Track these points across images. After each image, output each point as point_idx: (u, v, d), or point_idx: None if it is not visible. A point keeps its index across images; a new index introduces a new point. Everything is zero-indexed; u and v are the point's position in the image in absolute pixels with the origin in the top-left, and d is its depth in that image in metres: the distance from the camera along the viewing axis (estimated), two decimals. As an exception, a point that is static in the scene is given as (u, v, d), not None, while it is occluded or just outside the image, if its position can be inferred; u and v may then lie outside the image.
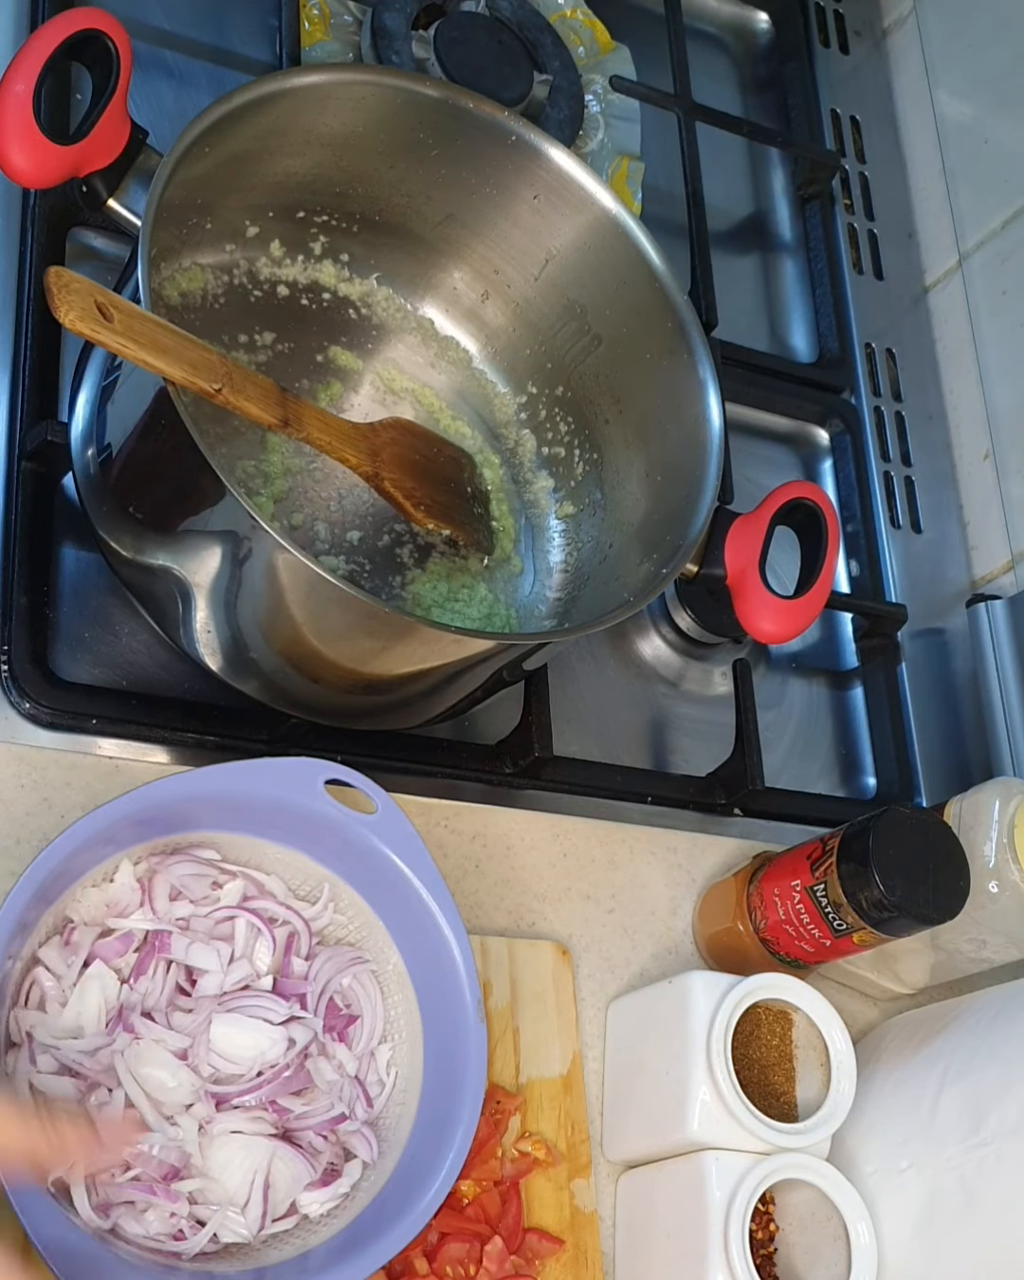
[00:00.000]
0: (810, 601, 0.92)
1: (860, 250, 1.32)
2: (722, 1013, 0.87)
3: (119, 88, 0.83)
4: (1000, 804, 0.94)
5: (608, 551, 0.98)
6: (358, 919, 0.84)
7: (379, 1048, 0.82)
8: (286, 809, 0.81)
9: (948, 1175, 0.85)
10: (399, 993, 0.83)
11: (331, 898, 0.84)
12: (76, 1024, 0.76)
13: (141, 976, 0.78)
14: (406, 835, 0.82)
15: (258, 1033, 0.78)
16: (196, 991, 0.79)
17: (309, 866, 0.83)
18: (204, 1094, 0.76)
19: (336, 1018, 0.82)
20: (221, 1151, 0.76)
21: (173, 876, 0.80)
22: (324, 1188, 0.78)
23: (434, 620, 0.92)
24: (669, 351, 0.95)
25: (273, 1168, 0.76)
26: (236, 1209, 0.75)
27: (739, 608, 0.92)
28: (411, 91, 0.92)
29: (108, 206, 0.84)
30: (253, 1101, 0.77)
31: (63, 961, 0.77)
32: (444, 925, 0.81)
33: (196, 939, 0.79)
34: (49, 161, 0.81)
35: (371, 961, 0.83)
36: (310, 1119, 0.78)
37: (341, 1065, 0.80)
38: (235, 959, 0.80)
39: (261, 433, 0.94)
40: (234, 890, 0.81)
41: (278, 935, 0.81)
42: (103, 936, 0.78)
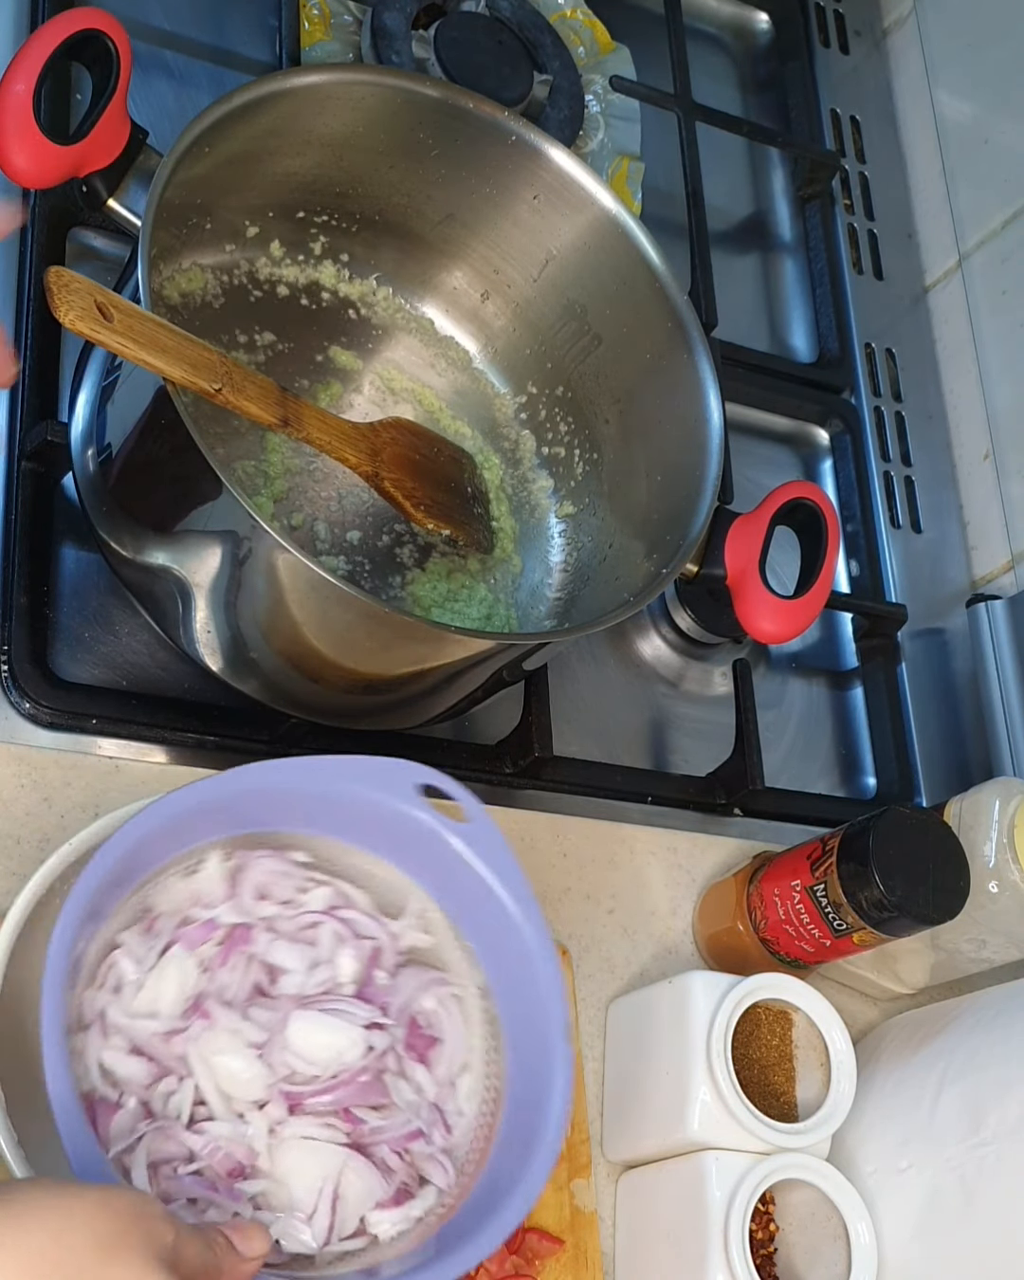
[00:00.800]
0: (810, 601, 0.92)
1: (860, 250, 1.32)
2: (722, 1013, 0.87)
3: (119, 88, 0.83)
4: (1000, 804, 0.94)
5: (608, 551, 0.98)
6: (444, 937, 0.80)
7: (461, 1077, 0.78)
8: (377, 812, 0.77)
9: (948, 1175, 0.85)
10: (483, 1017, 0.79)
11: (418, 913, 0.80)
12: (152, 1007, 0.73)
13: (222, 967, 0.75)
14: (499, 848, 0.78)
15: (337, 1032, 0.74)
16: (276, 990, 0.76)
17: (396, 878, 0.80)
18: (277, 1093, 0.73)
19: (418, 1038, 0.78)
20: (290, 1156, 0.72)
21: (259, 874, 0.77)
22: (396, 1208, 0.73)
23: (434, 620, 0.92)
24: (669, 351, 0.95)
25: (343, 1179, 0.72)
26: (303, 1217, 0.71)
27: (739, 608, 0.92)
28: (412, 91, 0.92)
29: (108, 206, 0.84)
30: (327, 1104, 0.73)
31: (143, 945, 0.74)
32: (533, 943, 0.76)
33: (280, 938, 0.77)
34: (49, 161, 0.81)
35: (456, 985, 0.79)
36: (385, 1133, 0.74)
37: (421, 1088, 0.76)
38: (318, 964, 0.77)
39: (261, 433, 0.94)
40: (321, 897, 0.78)
41: (362, 947, 0.78)
42: (186, 925, 0.76)
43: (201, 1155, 0.71)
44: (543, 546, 1.02)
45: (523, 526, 1.02)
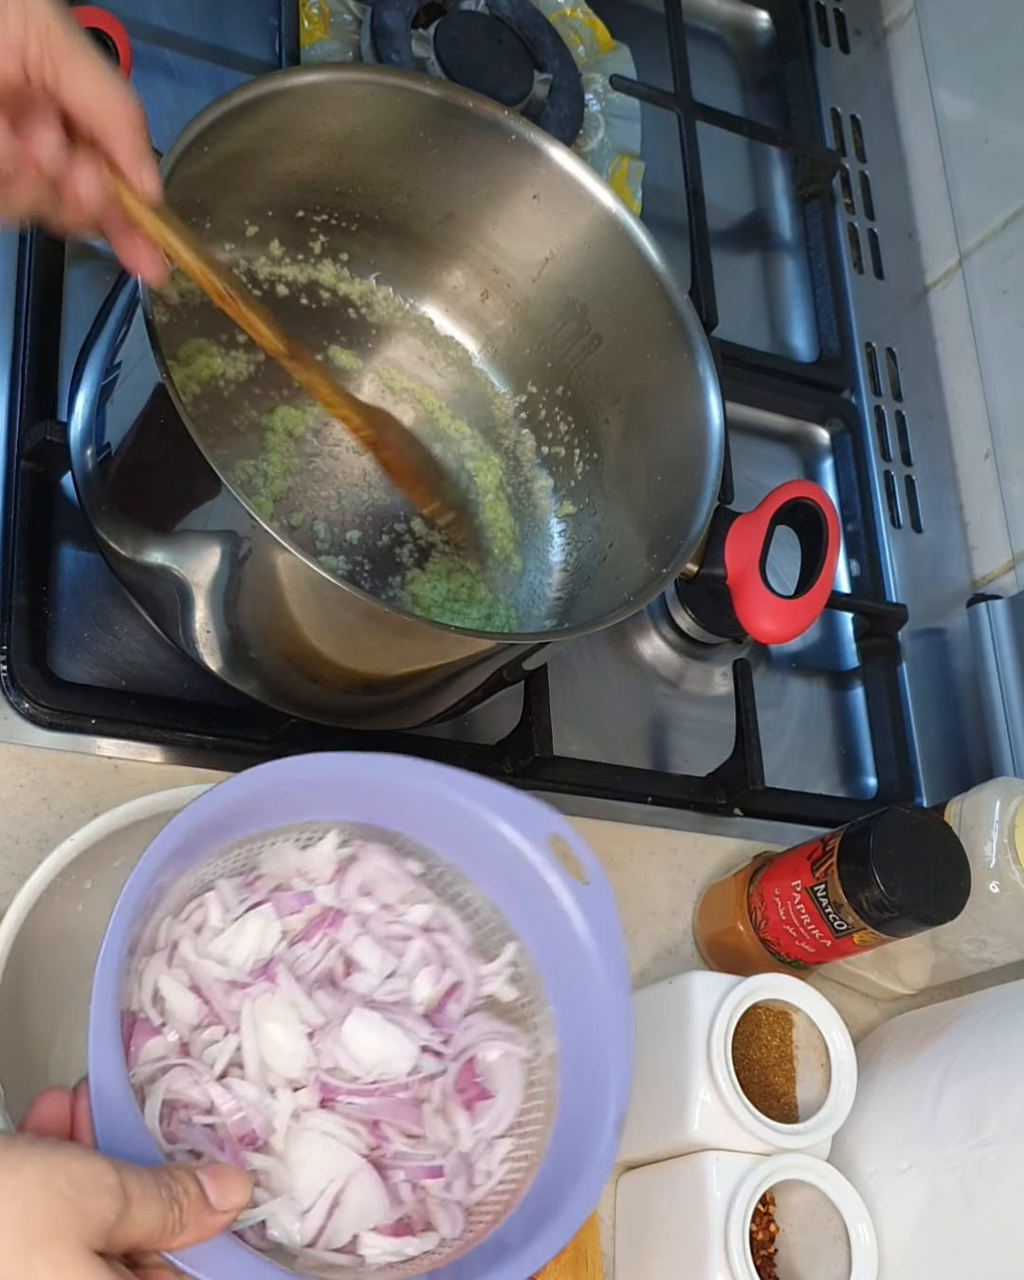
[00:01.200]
0: (811, 601, 0.92)
1: (861, 249, 1.32)
2: (722, 1013, 0.87)
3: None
4: (1001, 804, 0.94)
5: (608, 551, 0.98)
6: (529, 995, 0.78)
7: (501, 1140, 0.75)
8: (502, 848, 0.76)
9: (948, 1176, 0.85)
10: (543, 1087, 0.76)
11: (512, 962, 0.78)
12: (225, 955, 0.72)
13: (304, 942, 0.74)
14: (608, 919, 0.76)
15: (391, 1041, 0.72)
16: (347, 984, 0.75)
17: (499, 919, 0.78)
18: (315, 1080, 0.71)
19: (471, 1084, 0.75)
20: (306, 1146, 0.70)
21: (370, 869, 0.76)
22: (393, 1238, 0.71)
23: (434, 620, 0.92)
24: (669, 351, 0.95)
25: (350, 1187, 0.70)
26: (297, 1210, 0.69)
27: (739, 608, 0.92)
28: (411, 90, 0.92)
29: None
30: (361, 1109, 0.72)
31: (235, 896, 0.73)
32: (614, 1023, 0.74)
33: (368, 935, 0.75)
34: None
35: (525, 1049, 0.77)
36: (407, 1162, 0.72)
37: (458, 1134, 0.74)
38: (397, 975, 0.75)
39: (261, 433, 0.94)
40: (421, 914, 0.77)
41: (445, 977, 0.76)
42: (283, 890, 0.75)
43: (221, 1111, 0.69)
44: (543, 546, 1.02)
45: (523, 526, 1.02)
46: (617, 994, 0.75)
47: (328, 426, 0.97)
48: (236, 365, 0.94)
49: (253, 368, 0.95)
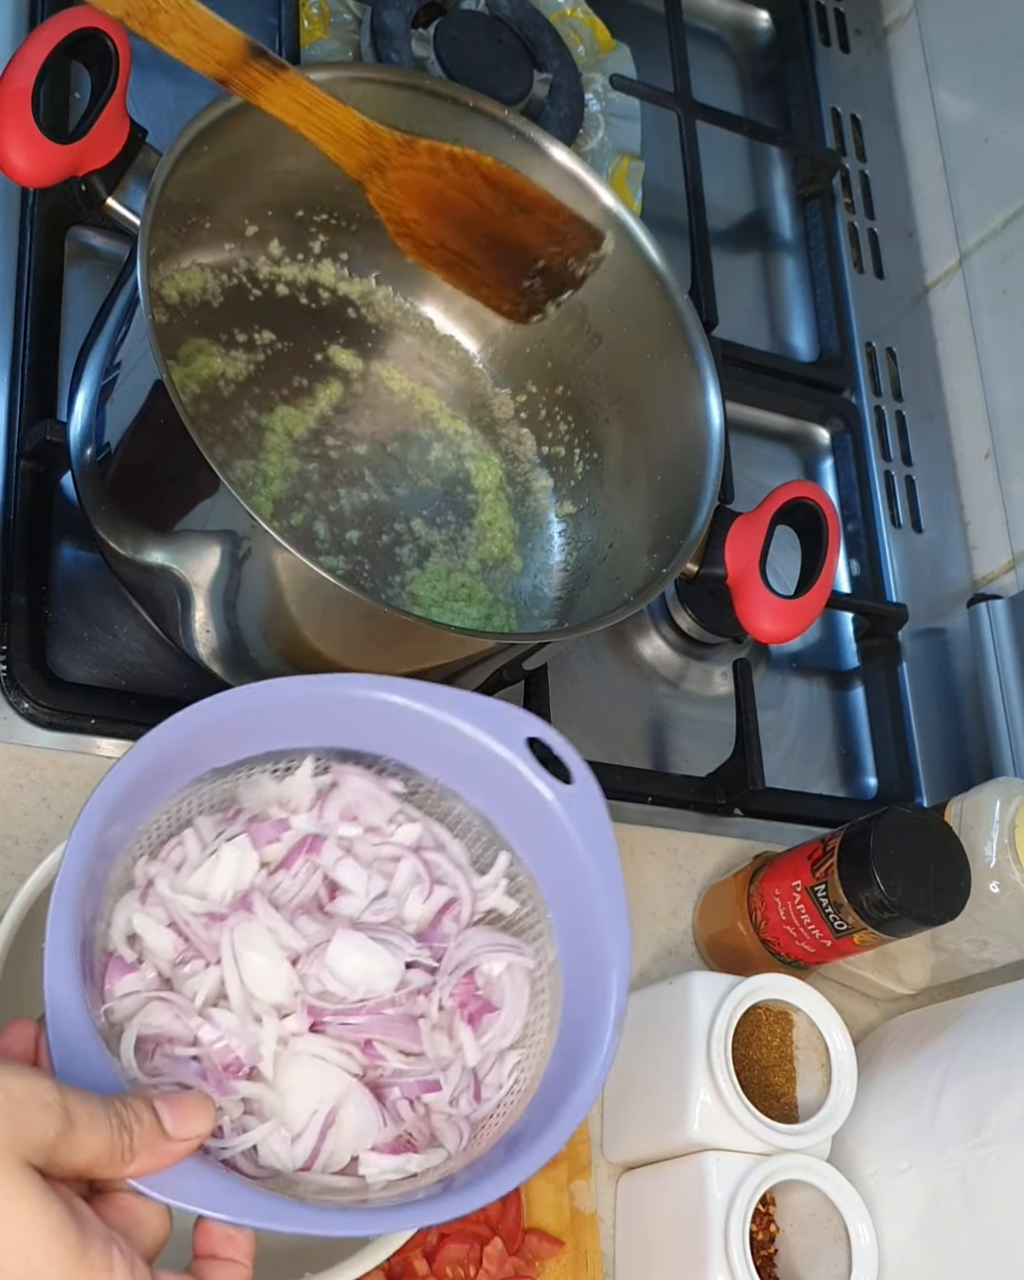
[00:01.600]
0: (811, 601, 0.92)
1: (861, 249, 1.32)
2: (722, 1013, 0.87)
3: (118, 86, 0.83)
4: (1001, 804, 0.94)
5: (608, 551, 0.98)
6: (529, 905, 0.76)
7: (509, 1051, 0.74)
8: (481, 757, 0.74)
9: (949, 1176, 0.85)
10: (548, 992, 0.75)
11: (508, 874, 0.76)
12: (202, 889, 0.71)
13: (283, 870, 0.73)
14: (598, 818, 0.74)
15: (373, 957, 0.71)
16: (332, 908, 0.74)
17: (491, 832, 0.76)
18: (302, 1004, 0.70)
19: (472, 998, 0.74)
20: (295, 1073, 0.69)
21: (350, 793, 0.75)
22: (393, 1156, 0.70)
23: (434, 620, 0.92)
24: (669, 351, 0.95)
25: (343, 1109, 0.69)
26: (289, 1134, 0.68)
27: (739, 607, 0.92)
28: (411, 90, 0.92)
29: (107, 205, 0.84)
30: (353, 1029, 0.70)
31: (213, 831, 0.73)
32: (611, 924, 0.73)
33: (351, 858, 0.74)
34: (48, 160, 0.81)
35: (530, 958, 0.75)
36: (404, 1078, 0.71)
37: (463, 1049, 0.73)
38: (385, 895, 0.74)
39: (260, 433, 0.94)
40: (410, 833, 0.75)
41: (437, 894, 0.75)
42: (258, 821, 0.74)
43: (203, 1042, 0.68)
44: (543, 546, 1.02)
45: (523, 526, 1.02)
46: (611, 890, 0.73)
47: (328, 426, 0.97)
48: (236, 365, 0.94)
49: (252, 368, 0.95)
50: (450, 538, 0.98)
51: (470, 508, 1.00)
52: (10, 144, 0.80)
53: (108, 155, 0.83)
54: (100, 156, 0.83)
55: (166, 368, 0.77)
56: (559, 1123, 0.69)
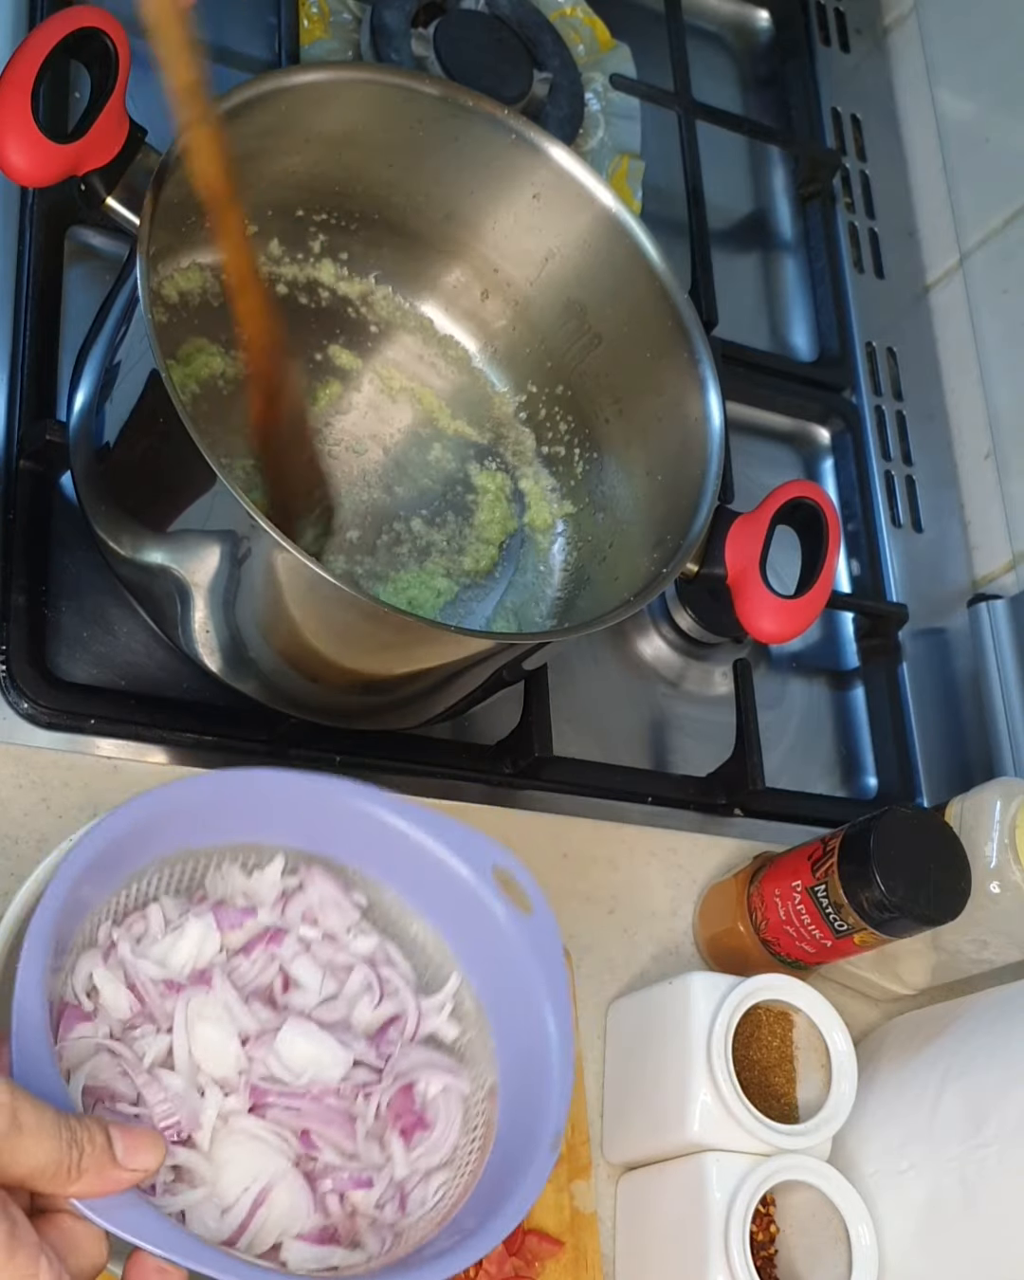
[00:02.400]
0: (811, 601, 0.92)
1: (861, 249, 1.32)
2: (722, 1014, 0.87)
3: (117, 86, 0.83)
4: (1002, 804, 0.94)
5: (608, 551, 0.98)
6: (471, 1030, 0.78)
7: (437, 1171, 0.75)
8: (446, 879, 0.77)
9: (949, 1176, 0.85)
10: (482, 1118, 0.76)
11: (454, 997, 0.78)
12: (164, 957, 0.72)
13: (242, 956, 0.74)
14: (553, 950, 0.77)
15: (324, 1048, 0.72)
16: (284, 1000, 0.75)
17: (444, 954, 0.79)
18: (246, 1084, 0.71)
19: (409, 1113, 0.75)
20: (231, 1149, 0.70)
21: (315, 897, 0.77)
22: (317, 1245, 0.70)
23: (433, 620, 0.92)
24: (669, 350, 0.95)
25: (276, 1189, 0.69)
26: (220, 1205, 0.68)
27: (740, 607, 0.91)
28: (411, 89, 0.92)
29: (106, 205, 0.84)
30: (292, 1115, 0.71)
31: (178, 910, 0.74)
32: (555, 1050, 0.74)
33: (309, 956, 0.76)
34: (47, 160, 0.80)
35: (466, 1084, 0.76)
36: (336, 1174, 0.71)
37: (393, 1161, 0.73)
38: (335, 998, 0.75)
39: (260, 432, 0.94)
40: (366, 944, 0.77)
41: (386, 1006, 0.76)
42: (224, 905, 0.75)
43: (148, 1102, 0.69)
44: (543, 546, 1.02)
45: (523, 526, 1.02)
46: (559, 1022, 0.75)
47: (327, 426, 0.97)
48: (236, 365, 0.94)
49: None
50: (450, 537, 0.98)
51: (470, 508, 1.00)
52: (10, 143, 0.80)
53: (107, 155, 0.83)
54: (100, 156, 0.83)
55: (166, 367, 0.77)
56: (482, 1237, 0.69)
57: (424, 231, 0.99)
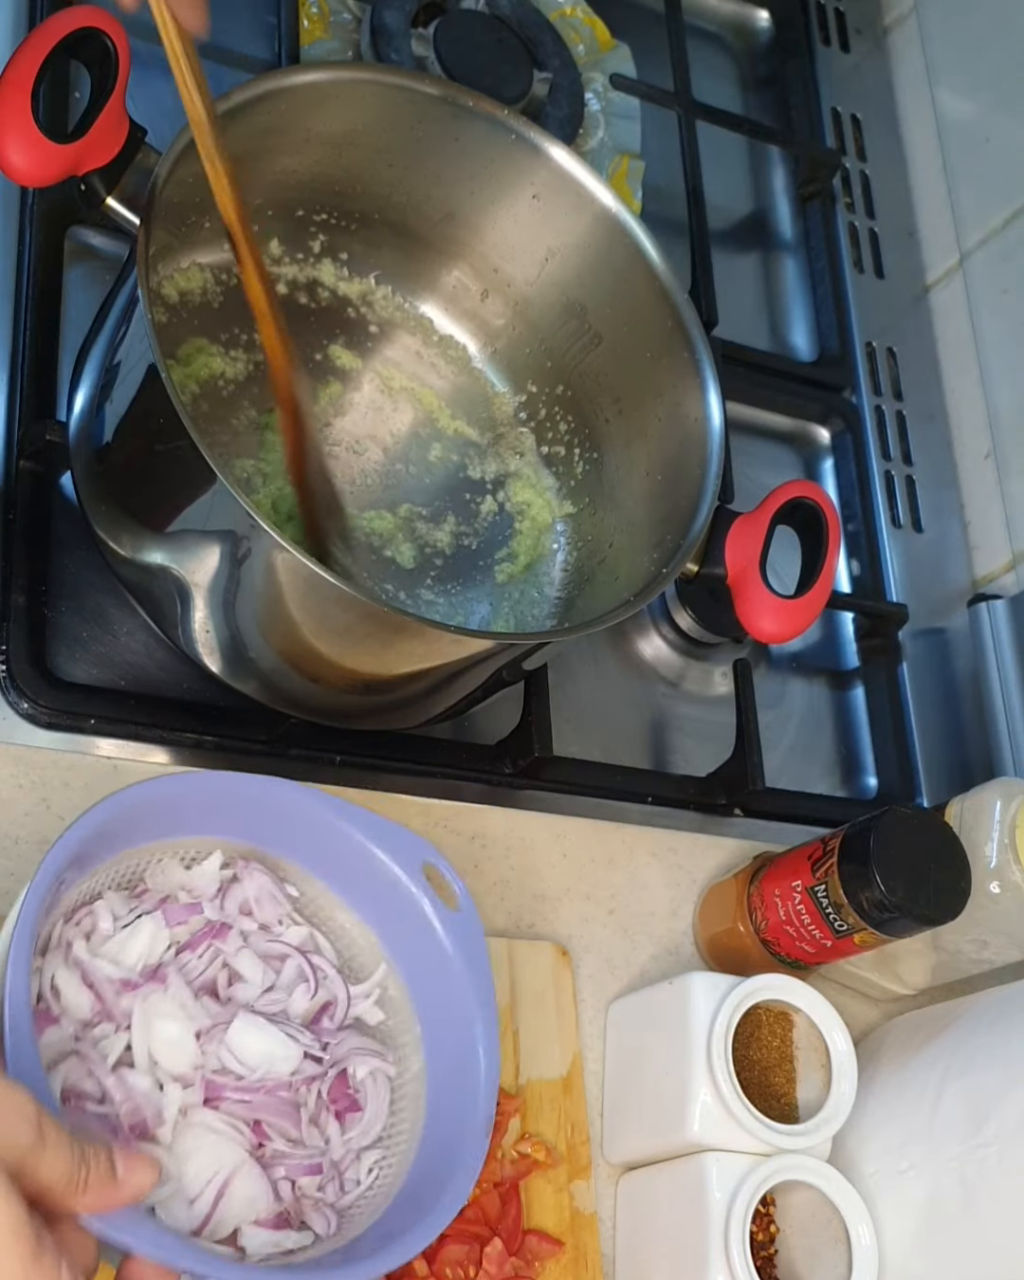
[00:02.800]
0: (811, 601, 0.92)
1: (861, 249, 1.32)
2: (722, 1014, 0.87)
3: (118, 86, 0.83)
4: (1002, 804, 0.94)
5: (608, 551, 0.98)
6: (396, 1017, 0.82)
7: (368, 1150, 0.79)
8: (377, 873, 0.80)
9: (949, 1176, 0.85)
10: (410, 1101, 0.80)
11: (380, 985, 0.82)
12: (117, 955, 0.75)
13: (190, 951, 0.77)
14: (477, 945, 0.80)
15: (276, 1041, 0.76)
16: (229, 993, 0.78)
17: (372, 944, 0.82)
18: (201, 1078, 0.74)
19: (343, 1094, 0.79)
20: (193, 1140, 0.73)
21: (250, 890, 0.79)
22: (273, 1230, 0.74)
23: (433, 620, 0.92)
24: (669, 350, 0.95)
25: (235, 1179, 0.74)
26: (186, 1198, 0.72)
27: (740, 607, 0.92)
28: (411, 90, 0.92)
29: (106, 205, 0.84)
30: (244, 1107, 0.75)
31: (124, 906, 0.76)
32: (480, 1041, 0.79)
33: (250, 949, 0.79)
34: (47, 160, 0.80)
35: (392, 1065, 0.81)
36: (285, 1161, 0.75)
37: (329, 1142, 0.78)
38: (275, 989, 0.79)
39: (260, 432, 0.94)
40: (297, 934, 0.81)
41: (320, 994, 0.80)
42: (169, 902, 0.78)
43: (114, 1100, 0.72)
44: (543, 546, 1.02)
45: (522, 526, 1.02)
46: (484, 1012, 0.79)
47: (327, 427, 0.97)
48: (236, 365, 0.94)
49: (252, 367, 0.95)
50: (450, 537, 0.98)
51: (470, 508, 1.00)
52: (9, 143, 0.79)
53: (107, 155, 0.83)
54: (100, 156, 0.83)
55: (166, 367, 0.77)
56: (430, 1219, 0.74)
57: (424, 231, 0.99)
